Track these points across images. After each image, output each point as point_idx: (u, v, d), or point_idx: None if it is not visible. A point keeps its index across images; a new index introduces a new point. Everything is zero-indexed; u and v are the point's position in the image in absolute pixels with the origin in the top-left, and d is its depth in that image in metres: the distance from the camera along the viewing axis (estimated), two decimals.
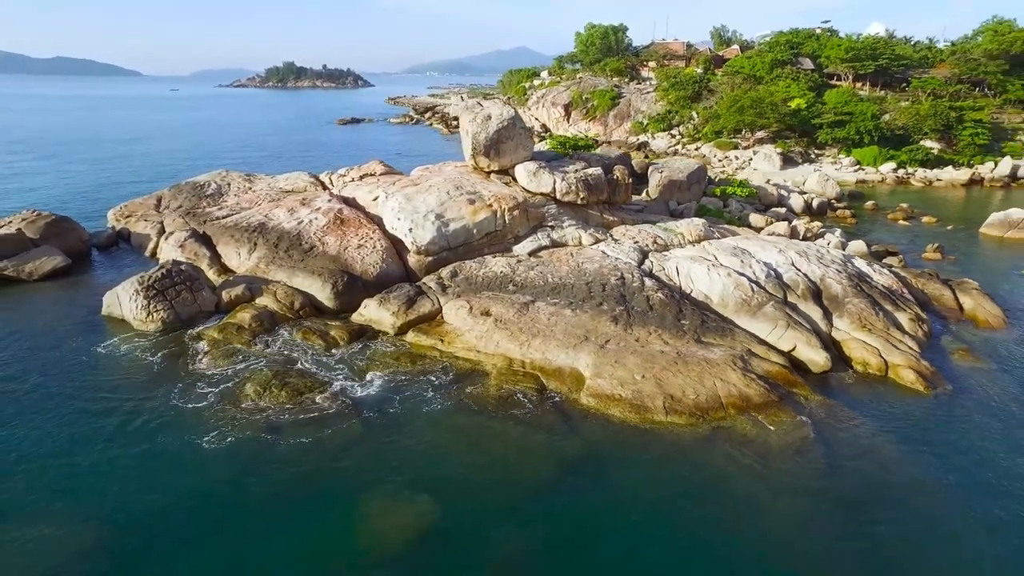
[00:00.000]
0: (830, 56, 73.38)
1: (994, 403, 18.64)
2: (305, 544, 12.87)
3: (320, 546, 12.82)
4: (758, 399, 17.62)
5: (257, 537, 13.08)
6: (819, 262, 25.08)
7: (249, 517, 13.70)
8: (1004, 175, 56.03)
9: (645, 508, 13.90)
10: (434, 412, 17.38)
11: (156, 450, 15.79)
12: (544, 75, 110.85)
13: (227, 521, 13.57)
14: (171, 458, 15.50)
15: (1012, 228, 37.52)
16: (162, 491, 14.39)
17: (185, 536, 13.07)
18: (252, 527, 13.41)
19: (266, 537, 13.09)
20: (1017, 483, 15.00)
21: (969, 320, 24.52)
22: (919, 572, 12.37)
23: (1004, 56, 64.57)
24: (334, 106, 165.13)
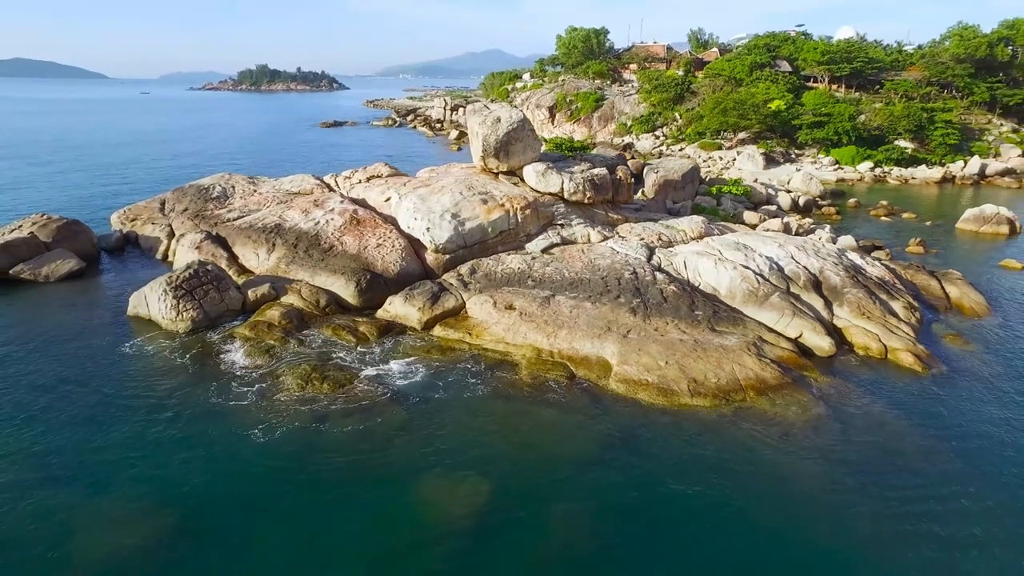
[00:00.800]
0: (807, 59, 75.86)
1: (984, 382, 20.19)
2: (371, 523, 13.69)
3: (385, 524, 13.65)
4: (773, 381, 18.91)
5: (323, 518, 13.83)
6: (816, 255, 26.56)
7: (312, 499, 14.46)
8: (973, 173, 58.69)
9: (681, 481, 15.00)
10: (472, 399, 18.33)
11: (211, 441, 16.43)
12: (526, 77, 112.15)
13: (291, 504, 14.30)
14: (227, 448, 16.17)
15: (986, 223, 39.64)
16: (224, 478, 15.09)
17: (252, 519, 13.76)
18: (316, 509, 14.16)
19: (332, 518, 13.85)
20: (1008, 449, 16.57)
21: (956, 308, 26.19)
22: (926, 525, 13.71)
23: (970, 60, 67.59)
24: (313, 109, 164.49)
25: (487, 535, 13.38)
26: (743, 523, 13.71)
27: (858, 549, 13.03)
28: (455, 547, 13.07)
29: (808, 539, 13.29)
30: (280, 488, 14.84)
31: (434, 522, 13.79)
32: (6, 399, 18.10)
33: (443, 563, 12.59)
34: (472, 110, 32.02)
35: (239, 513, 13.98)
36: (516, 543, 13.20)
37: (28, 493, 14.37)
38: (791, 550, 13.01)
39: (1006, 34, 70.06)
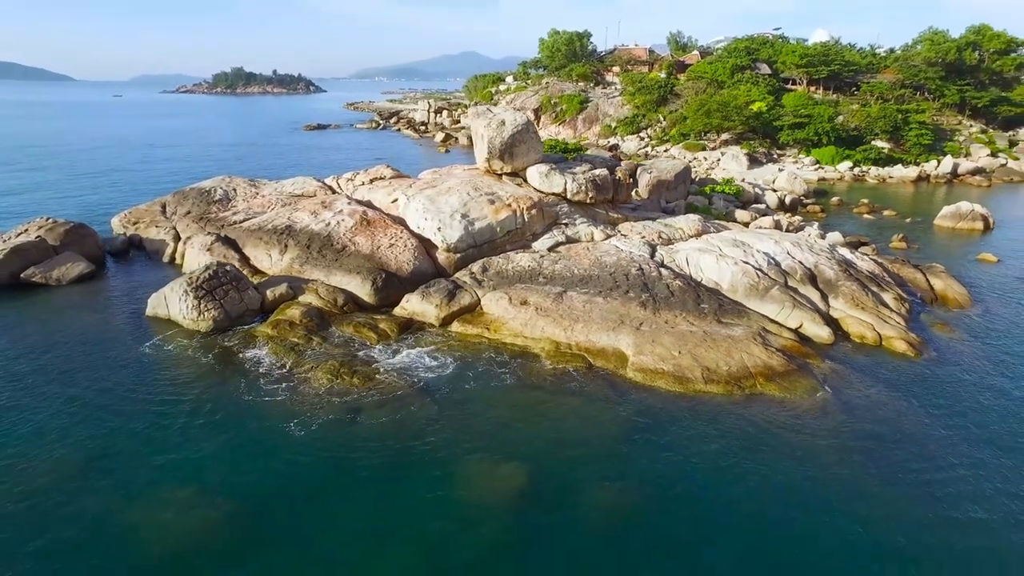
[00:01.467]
0: (786, 62, 78.02)
1: (971, 366, 21.64)
2: (417, 506, 14.43)
3: (432, 506, 14.42)
4: (780, 368, 20.08)
5: (370, 503, 14.53)
6: (811, 251, 27.90)
7: (358, 486, 15.16)
8: (946, 172, 61.09)
9: (703, 459, 16.04)
10: (499, 389, 19.20)
11: (251, 434, 17.02)
12: (509, 80, 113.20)
13: (337, 492, 14.94)
14: (267, 441, 16.77)
15: (962, 219, 41.57)
16: (268, 470, 15.65)
17: (300, 507, 14.34)
18: (363, 495, 14.86)
19: (379, 502, 14.57)
20: (994, 422, 18.14)
21: (940, 299, 27.71)
22: (930, 488, 15.03)
23: (940, 63, 70.22)
24: (293, 112, 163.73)
25: (531, 512, 14.24)
26: (765, 494, 14.77)
27: (872, 511, 14.20)
28: (503, 524, 13.89)
29: (826, 505, 14.41)
30: (324, 476, 15.50)
31: (479, 502, 14.60)
32: (44, 401, 18.43)
33: (493, 539, 13.41)
34: (475, 113, 32.89)
35: (287, 502, 14.55)
36: (558, 519, 14.06)
37: (81, 489, 14.81)
38: (811, 516, 14.09)
39: (973, 39, 72.92)
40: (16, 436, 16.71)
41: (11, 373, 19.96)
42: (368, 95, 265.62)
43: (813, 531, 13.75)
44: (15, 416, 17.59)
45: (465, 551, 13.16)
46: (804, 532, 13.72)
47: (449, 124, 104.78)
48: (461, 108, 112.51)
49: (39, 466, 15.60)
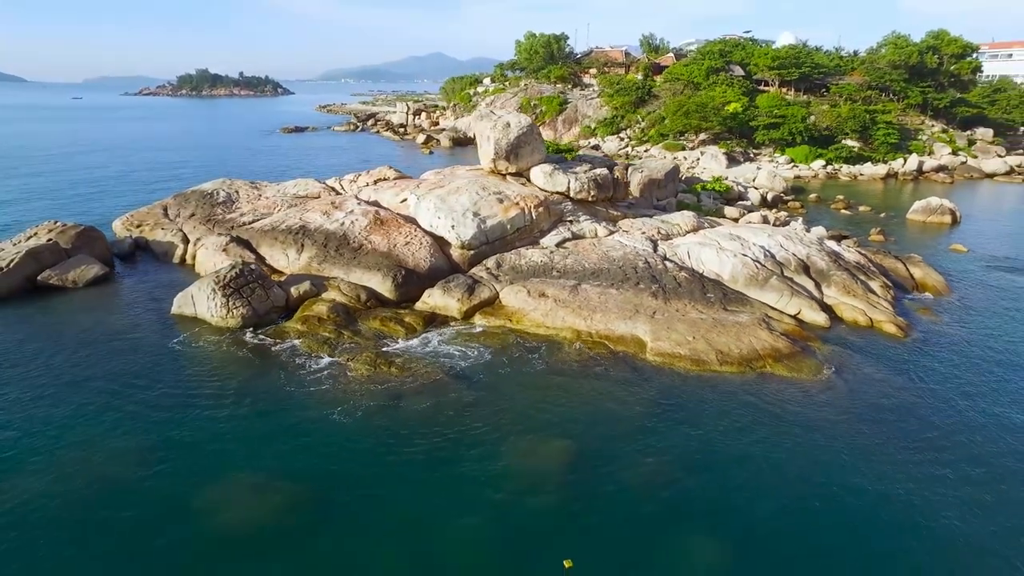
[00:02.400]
0: (758, 64, 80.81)
1: (954, 344, 23.67)
2: (471, 482, 15.51)
3: (482, 482, 15.48)
4: (786, 350, 21.74)
5: (421, 483, 15.37)
6: (801, 243, 29.76)
7: (407, 468, 16.05)
8: (912, 170, 64.28)
9: (725, 431, 17.51)
10: (529, 374, 20.45)
11: (299, 423, 17.84)
12: (487, 82, 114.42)
13: (389, 472, 15.80)
14: (316, 428, 17.60)
15: (932, 213, 44.19)
16: (321, 455, 16.37)
17: (356, 487, 15.20)
18: (414, 475, 15.75)
19: (429, 482, 15.47)
20: (980, 392, 20.13)
21: (920, 287, 29.82)
22: (925, 451, 16.78)
23: (904, 66, 73.66)
24: (266, 115, 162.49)
25: (577, 482, 15.48)
26: (784, 458, 16.31)
27: (880, 470, 15.84)
28: (552, 494, 15.08)
29: (838, 466, 16.01)
30: (375, 458, 16.41)
31: (527, 475, 15.77)
32: (92, 396, 18.88)
33: (545, 507, 14.60)
34: (479, 115, 34.07)
35: (344, 483, 15.32)
36: (603, 487, 15.27)
37: (147, 475, 15.49)
38: (826, 476, 15.65)
39: (932, 43, 76.71)
40: (74, 429, 17.27)
41: (53, 372, 20.45)
42: (338, 97, 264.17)
43: (829, 489, 15.27)
44: (68, 411, 18.13)
45: (520, 518, 14.27)
46: (822, 490, 15.23)
47: (428, 126, 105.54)
48: (439, 110, 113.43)
49: (103, 455, 16.23)
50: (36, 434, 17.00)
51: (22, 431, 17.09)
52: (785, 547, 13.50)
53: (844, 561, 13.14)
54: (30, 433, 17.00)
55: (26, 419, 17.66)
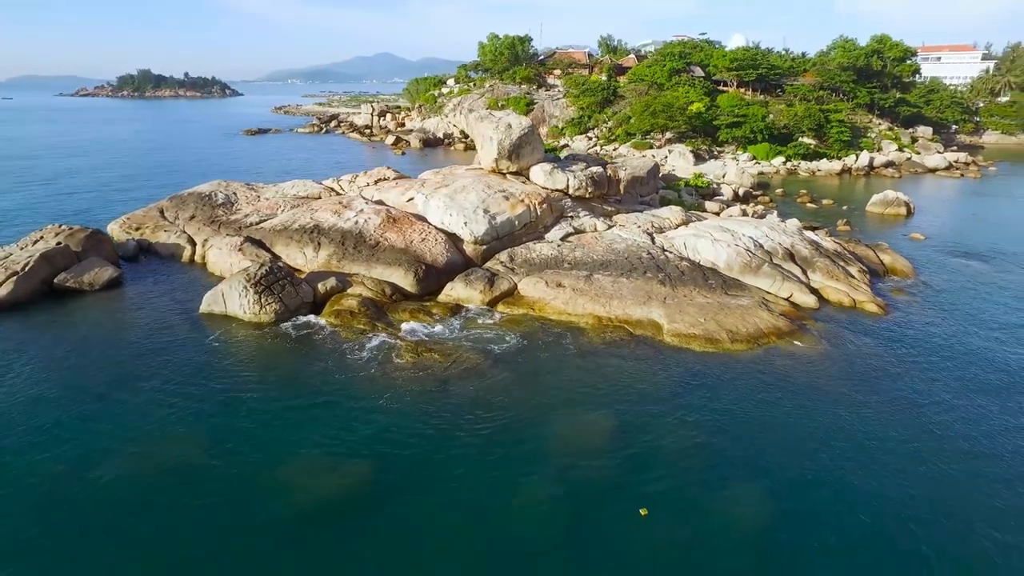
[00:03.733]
0: (717, 65, 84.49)
1: (928, 319, 26.58)
2: (532, 452, 17.13)
3: (544, 451, 17.14)
4: (786, 328, 24.10)
5: (478, 456, 16.74)
6: (785, 234, 32.38)
7: (462, 444, 17.29)
8: (864, 165, 68.71)
9: (745, 398, 19.61)
10: (561, 357, 22.18)
11: (356, 407, 19.00)
12: (451, 83, 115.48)
13: (446, 449, 17.03)
14: (373, 411, 18.80)
15: (889, 206, 47.87)
16: (382, 437, 17.45)
17: (417, 465, 16.42)
18: (469, 450, 16.99)
19: (485, 456, 16.83)
20: (955, 357, 22.97)
21: (890, 271, 32.83)
22: (913, 407, 19.39)
23: (852, 68, 78.42)
24: (220, 117, 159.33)
25: (627, 449, 17.24)
26: (798, 418, 18.56)
27: (876, 424, 18.29)
28: (600, 459, 16.84)
29: (841, 422, 18.36)
30: (433, 437, 17.66)
31: (575, 444, 17.43)
32: (143, 395, 19.39)
33: (596, 471, 16.30)
34: (479, 117, 35.58)
35: (405, 462, 16.53)
36: (645, 452, 17.09)
37: (219, 460, 16.42)
38: (832, 431, 17.92)
39: (877, 47, 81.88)
40: (137, 424, 17.90)
41: (101, 372, 20.82)
42: (289, 98, 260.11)
43: (837, 439, 17.52)
44: (126, 407, 18.68)
45: (584, 479, 15.93)
46: (830, 441, 17.45)
47: (395, 127, 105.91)
48: (404, 111, 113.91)
49: (168, 446, 16.92)
50: (102, 429, 17.62)
51: (86, 427, 17.68)
52: (812, 487, 15.62)
53: (855, 491, 15.33)
54: (94, 430, 17.57)
55: (89, 416, 18.24)
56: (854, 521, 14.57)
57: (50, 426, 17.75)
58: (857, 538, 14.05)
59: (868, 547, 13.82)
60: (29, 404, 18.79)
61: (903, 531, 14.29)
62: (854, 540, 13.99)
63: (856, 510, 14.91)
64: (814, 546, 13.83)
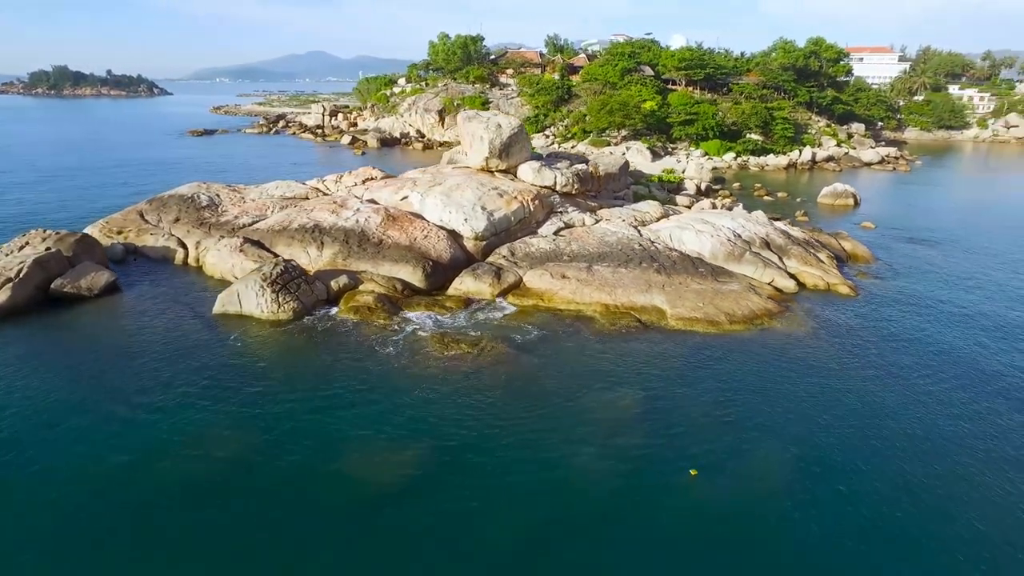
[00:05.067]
0: (666, 64, 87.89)
1: (894, 297, 29.59)
2: (573, 427, 18.52)
3: (583, 424, 18.57)
4: (775, 310, 26.40)
5: (520, 434, 17.98)
6: (758, 224, 34.93)
7: (504, 424, 18.55)
8: (807, 160, 73.22)
9: (750, 372, 21.66)
10: (579, 341, 23.69)
11: (398, 395, 19.92)
12: (402, 82, 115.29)
13: (491, 429, 18.21)
14: (416, 398, 19.73)
15: (838, 198, 51.65)
16: (429, 421, 18.48)
17: (466, 445, 17.53)
18: (512, 428, 18.28)
19: (539, 429, 18.30)
20: (923, 327, 25.92)
21: (852, 257, 35.88)
22: (894, 370, 22.04)
23: (792, 68, 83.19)
24: (156, 117, 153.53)
25: (659, 421, 18.87)
26: (797, 386, 20.82)
27: (863, 387, 20.81)
28: (632, 429, 18.43)
29: (835, 386, 20.77)
30: (476, 419, 18.74)
31: (616, 418, 18.93)
32: (181, 397, 19.54)
33: (645, 440, 17.95)
34: (467, 117, 36.68)
35: (454, 442, 17.57)
36: (673, 421, 18.79)
37: (278, 449, 17.08)
38: (826, 394, 20.26)
39: (813, 49, 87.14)
40: (180, 425, 18.17)
41: (131, 378, 20.77)
42: (222, 97, 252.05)
43: (837, 406, 19.72)
44: (164, 412, 18.82)
45: (618, 452, 17.38)
46: (832, 406, 19.65)
47: (347, 127, 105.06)
48: (356, 111, 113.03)
49: (220, 441, 17.39)
50: (149, 433, 17.81)
51: (132, 432, 17.84)
52: (823, 446, 17.66)
53: (859, 447, 17.51)
54: (141, 434, 17.77)
55: (133, 421, 18.37)
56: (861, 469, 16.71)
57: (96, 432, 17.78)
58: (865, 482, 16.15)
59: (874, 488, 15.93)
60: (70, 411, 18.77)
61: (899, 471, 16.56)
62: (862, 484, 16.07)
63: (861, 460, 17.05)
64: (832, 492, 15.80)
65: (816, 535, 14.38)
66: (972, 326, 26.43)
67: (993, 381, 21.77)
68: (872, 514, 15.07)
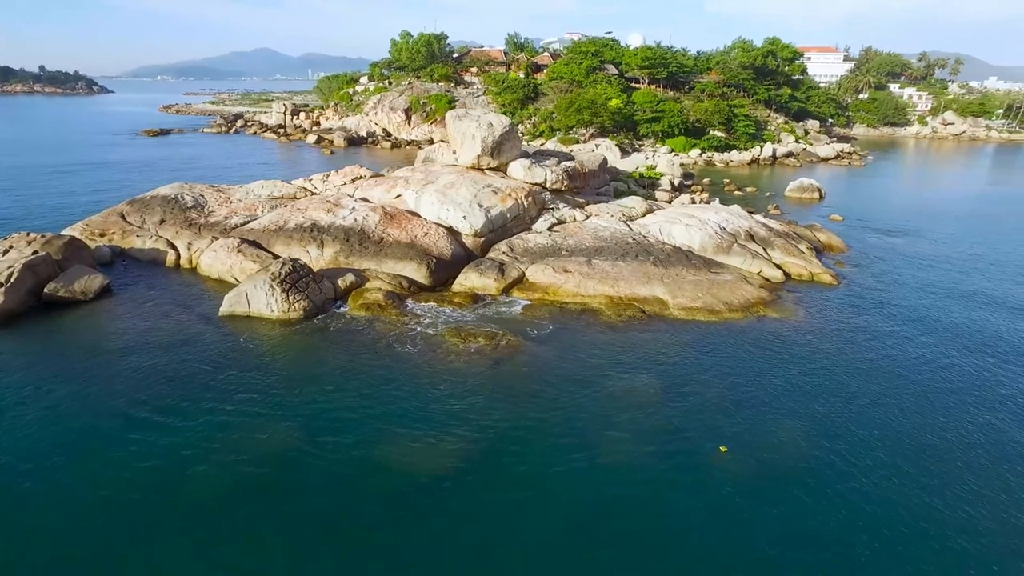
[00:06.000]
0: (629, 63, 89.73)
1: (873, 283, 31.51)
2: (600, 410, 19.36)
3: (608, 409, 19.40)
4: (768, 298, 27.80)
5: (558, 422, 18.76)
6: (741, 218, 36.46)
7: (536, 411, 19.32)
8: (769, 156, 76.02)
9: (752, 354, 22.91)
10: (589, 333, 24.52)
11: (426, 389, 20.36)
12: (364, 80, 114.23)
13: (522, 416, 18.95)
14: (445, 390, 20.25)
15: (804, 191, 54.02)
16: (461, 416, 18.86)
17: (509, 439, 18.04)
18: (545, 415, 19.10)
19: (566, 420, 18.98)
20: (906, 310, 27.75)
21: (827, 247, 37.80)
22: (881, 348, 23.73)
23: (751, 67, 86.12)
24: (104, 116, 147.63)
25: (677, 402, 19.85)
26: (796, 365, 22.12)
27: (854, 364, 22.35)
28: (666, 412, 19.38)
29: (831, 366, 22.16)
30: (511, 410, 19.41)
31: (639, 401, 19.80)
32: (208, 401, 19.40)
33: (656, 419, 18.87)
34: (457, 116, 37.09)
35: (495, 438, 18.01)
36: (702, 406, 19.82)
37: (312, 456, 17.11)
38: (823, 374, 21.63)
39: (770, 48, 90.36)
40: (214, 428, 18.09)
41: (143, 380, 20.53)
42: (168, 96, 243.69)
43: (838, 386, 21.09)
44: (193, 415, 18.72)
45: (647, 433, 18.31)
46: (836, 387, 21.02)
47: (310, 126, 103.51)
48: (318, 110, 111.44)
49: (258, 442, 17.45)
50: (184, 437, 17.69)
51: (168, 436, 17.75)
52: (832, 422, 18.95)
53: (865, 420, 18.88)
54: (177, 438, 17.66)
55: (164, 426, 18.22)
56: (866, 437, 18.10)
57: (129, 437, 17.60)
58: (869, 448, 17.50)
59: (879, 452, 17.28)
60: (98, 416, 18.54)
61: (896, 434, 18.03)
62: (868, 451, 17.41)
63: (866, 430, 18.43)
64: (845, 461, 17.08)
65: (842, 493, 15.60)
66: (945, 302, 28.94)
67: (972, 338, 25.17)
68: (891, 477, 16.40)
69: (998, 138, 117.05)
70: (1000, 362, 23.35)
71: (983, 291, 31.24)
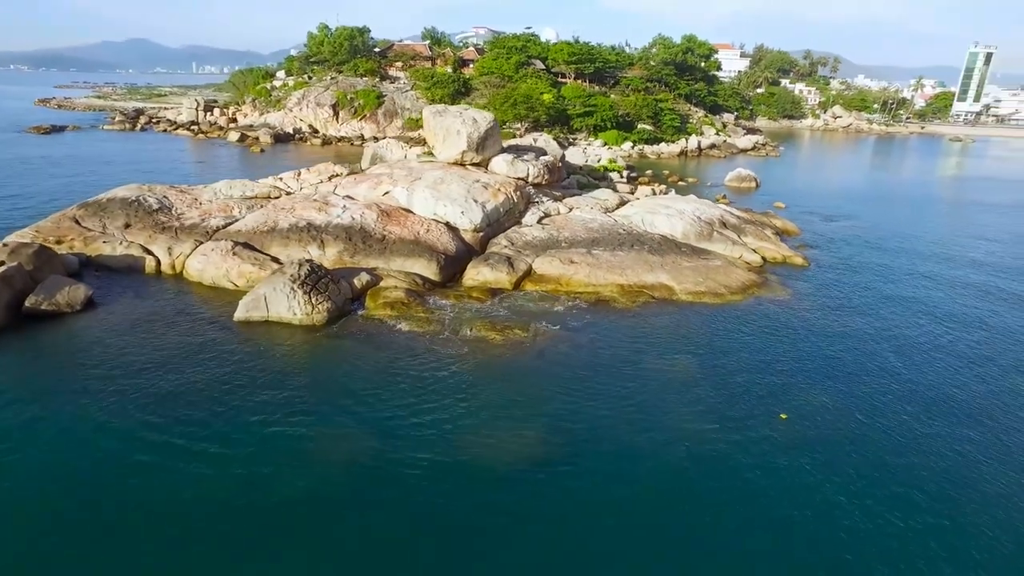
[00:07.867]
0: (556, 58, 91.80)
1: (838, 261, 34.84)
2: (651, 394, 20.55)
3: (652, 388, 20.57)
4: (758, 280, 30.16)
5: (618, 407, 19.64)
6: (711, 208, 38.91)
7: (587, 398, 20.15)
8: (695, 148, 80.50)
9: (759, 330, 24.91)
10: (612, 320, 25.70)
11: (482, 388, 20.44)
12: (281, 75, 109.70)
13: (577, 402, 19.74)
14: (503, 388, 20.32)
15: (743, 181, 57.96)
16: (525, 411, 19.17)
17: (575, 425, 18.83)
18: (607, 404, 19.87)
19: (621, 404, 19.94)
20: (871, 278, 30.96)
21: (785, 232, 41.08)
22: (864, 316, 26.63)
23: (672, 63, 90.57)
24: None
25: (717, 379, 21.35)
26: (797, 336, 24.40)
27: (843, 331, 24.95)
28: (710, 387, 20.88)
29: (823, 334, 24.60)
30: (571, 399, 19.88)
31: (679, 380, 21.09)
32: (246, 414, 18.63)
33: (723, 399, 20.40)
34: (437, 112, 37.11)
35: (560, 428, 18.56)
36: (739, 379, 21.46)
37: (379, 463, 17.27)
38: (818, 340, 24.09)
39: (688, 46, 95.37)
40: (269, 441, 17.41)
41: (170, 396, 19.30)
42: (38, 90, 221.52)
43: (825, 346, 23.56)
44: (240, 429, 18.09)
45: (699, 407, 19.78)
46: (821, 346, 23.46)
47: (225, 123, 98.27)
48: (234, 105, 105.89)
49: (332, 448, 16.94)
50: (241, 451, 17.12)
51: (223, 453, 17.03)
52: (855, 388, 21.19)
53: (873, 383, 21.29)
54: (234, 452, 17.14)
55: (211, 439, 17.46)
56: (878, 400, 20.44)
57: (172, 456, 16.45)
58: (878, 411, 19.85)
59: (885, 409, 19.68)
60: (130, 440, 17.25)
61: (894, 394, 20.52)
62: (878, 417, 19.76)
63: (876, 388, 20.81)
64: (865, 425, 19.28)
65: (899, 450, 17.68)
66: (902, 269, 33.04)
67: (937, 303, 29.01)
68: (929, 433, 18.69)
69: (879, 130, 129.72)
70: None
71: (931, 257, 36.35)
